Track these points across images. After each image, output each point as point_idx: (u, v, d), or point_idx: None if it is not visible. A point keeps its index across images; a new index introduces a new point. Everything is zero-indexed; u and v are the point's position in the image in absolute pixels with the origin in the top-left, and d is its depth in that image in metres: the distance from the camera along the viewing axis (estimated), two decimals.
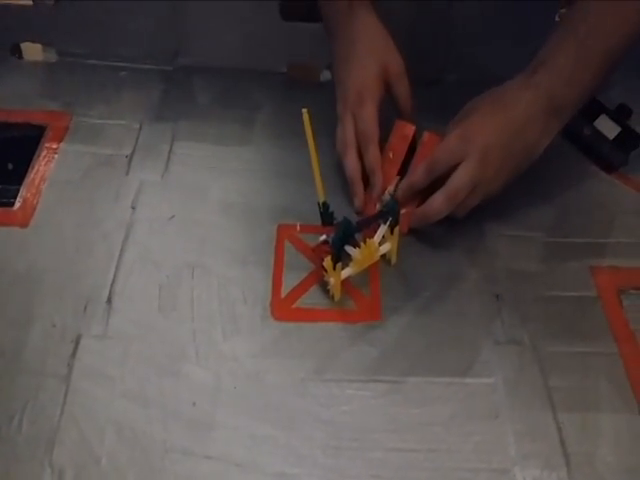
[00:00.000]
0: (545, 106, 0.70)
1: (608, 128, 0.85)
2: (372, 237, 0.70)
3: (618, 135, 0.84)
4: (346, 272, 0.70)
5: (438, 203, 0.70)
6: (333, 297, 0.71)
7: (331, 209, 0.73)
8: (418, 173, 0.71)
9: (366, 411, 0.63)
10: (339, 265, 0.68)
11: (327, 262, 0.67)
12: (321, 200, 0.72)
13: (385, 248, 0.72)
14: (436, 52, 0.98)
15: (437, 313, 0.71)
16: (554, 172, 0.85)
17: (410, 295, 0.72)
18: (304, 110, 0.65)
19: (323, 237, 0.72)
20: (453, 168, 0.69)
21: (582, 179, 0.84)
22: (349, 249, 0.69)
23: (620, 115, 0.85)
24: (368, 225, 0.71)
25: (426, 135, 0.78)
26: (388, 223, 0.70)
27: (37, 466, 0.57)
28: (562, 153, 0.88)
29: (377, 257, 0.71)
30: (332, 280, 0.68)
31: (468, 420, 0.63)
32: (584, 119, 0.87)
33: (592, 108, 0.86)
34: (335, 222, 0.72)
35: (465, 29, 0.95)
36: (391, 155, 0.79)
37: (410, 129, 0.79)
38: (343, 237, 0.66)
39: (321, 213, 0.73)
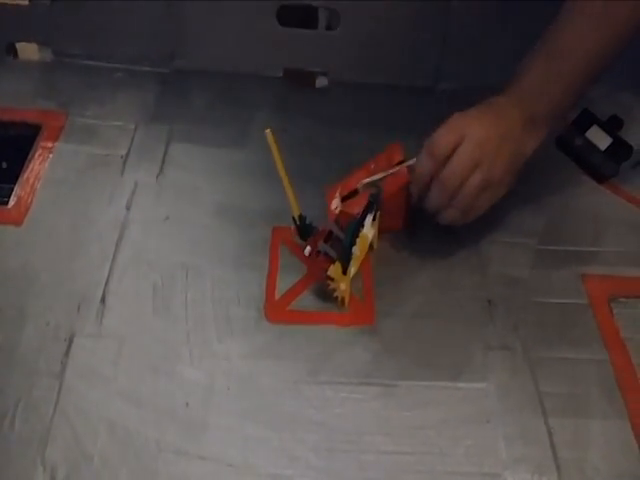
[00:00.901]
0: (520, 117, 0.71)
1: (600, 139, 0.86)
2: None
3: (609, 146, 0.85)
4: (351, 273, 0.70)
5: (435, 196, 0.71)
6: (342, 302, 0.71)
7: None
8: (421, 160, 0.71)
9: (359, 414, 0.63)
10: (349, 269, 0.68)
11: (334, 270, 0.67)
12: (296, 214, 0.72)
13: (372, 236, 0.73)
14: (429, 61, 0.98)
15: (430, 318, 0.71)
16: (547, 181, 0.86)
17: (403, 300, 0.72)
18: (267, 131, 0.66)
19: (308, 249, 0.72)
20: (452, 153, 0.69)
21: (574, 188, 0.85)
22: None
23: (612, 126, 0.86)
24: (364, 220, 0.71)
25: (401, 169, 0.76)
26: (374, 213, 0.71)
27: (29, 464, 0.57)
28: (555, 162, 0.88)
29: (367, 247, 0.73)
30: (343, 285, 0.69)
31: (460, 424, 0.63)
32: (576, 130, 0.88)
33: (584, 119, 0.88)
34: (315, 232, 0.72)
35: (459, 39, 0.96)
36: (372, 166, 0.77)
37: (398, 156, 0.77)
38: (353, 240, 0.67)
39: (298, 227, 0.73)
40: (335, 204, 0.76)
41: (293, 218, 0.72)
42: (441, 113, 0.77)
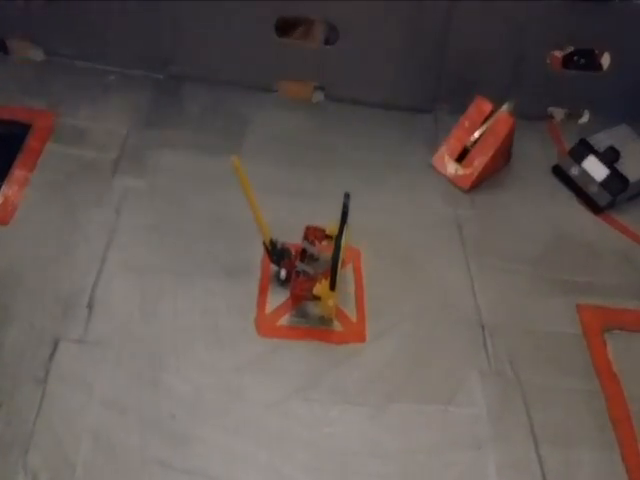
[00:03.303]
0: None
1: (596, 170, 0.86)
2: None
3: (606, 177, 0.85)
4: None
5: None
6: (330, 320, 0.70)
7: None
8: None
9: (349, 434, 0.62)
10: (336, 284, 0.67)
11: (321, 289, 0.66)
12: (267, 239, 0.70)
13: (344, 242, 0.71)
14: (427, 82, 0.98)
15: (423, 340, 0.71)
16: (543, 209, 0.86)
17: (396, 321, 0.72)
18: (233, 157, 0.65)
19: (283, 273, 0.71)
20: None
21: (570, 218, 0.86)
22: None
23: (608, 158, 0.86)
24: (342, 232, 0.69)
25: (501, 114, 0.84)
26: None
27: (11, 468, 0.55)
28: (551, 191, 0.89)
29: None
30: (331, 302, 0.67)
31: (450, 449, 0.62)
32: (573, 159, 0.88)
33: (581, 149, 0.88)
34: (288, 254, 0.72)
35: (458, 60, 0.96)
36: (466, 124, 0.86)
37: (488, 106, 0.88)
38: (338, 257, 0.66)
39: (270, 252, 0.71)
40: (452, 168, 0.83)
41: (264, 243, 0.71)
42: (438, 132, 0.77)
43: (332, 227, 0.72)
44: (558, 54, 0.98)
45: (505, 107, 0.85)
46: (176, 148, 0.87)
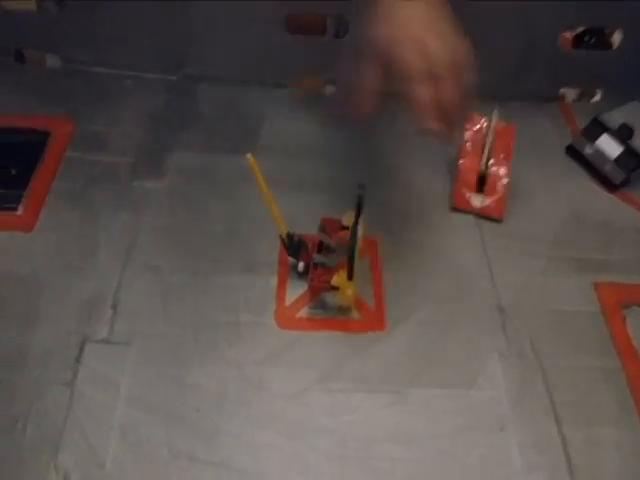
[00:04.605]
0: None
1: (610, 148, 0.86)
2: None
3: (620, 155, 0.85)
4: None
5: (447, 90, 0.61)
6: (349, 309, 0.70)
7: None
8: (417, 96, 0.61)
9: (371, 421, 0.63)
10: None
11: (339, 279, 0.67)
12: (284, 232, 0.71)
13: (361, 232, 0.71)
14: None
15: (442, 325, 0.71)
16: (558, 189, 0.86)
17: (415, 307, 0.72)
18: (248, 155, 0.64)
19: (301, 265, 0.72)
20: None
21: (585, 197, 0.85)
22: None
23: (622, 135, 0.86)
24: (357, 221, 0.70)
25: (499, 126, 0.83)
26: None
27: (42, 469, 0.57)
28: (565, 171, 0.89)
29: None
30: (349, 291, 0.68)
31: (473, 432, 0.63)
32: (586, 138, 0.88)
33: (594, 128, 0.88)
34: (305, 247, 0.72)
35: (472, 43, 0.95)
36: (469, 147, 0.84)
37: (480, 119, 0.84)
38: (355, 245, 0.66)
39: (287, 246, 0.72)
40: (477, 201, 0.82)
41: (281, 237, 0.71)
42: None
43: (348, 218, 0.73)
44: (568, 35, 0.98)
45: (496, 115, 0.82)
46: (192, 149, 0.89)
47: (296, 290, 0.73)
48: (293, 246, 0.72)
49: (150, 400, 0.62)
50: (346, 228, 0.73)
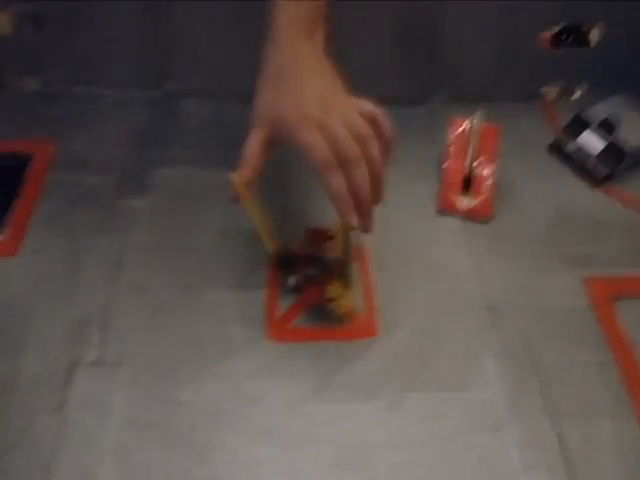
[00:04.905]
0: (302, 49, 0.65)
1: (592, 143, 0.86)
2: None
3: (602, 150, 0.85)
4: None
5: (358, 177, 0.59)
6: (344, 318, 0.70)
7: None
8: (328, 186, 0.60)
9: (367, 428, 0.63)
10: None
11: (335, 289, 0.67)
12: (273, 250, 0.71)
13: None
14: (422, 70, 0.98)
15: (434, 329, 0.71)
16: (542, 187, 0.86)
17: (406, 312, 0.72)
18: (232, 175, 0.64)
19: (292, 280, 0.71)
20: None
21: (570, 193, 0.86)
22: None
23: (604, 130, 0.86)
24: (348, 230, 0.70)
25: (483, 127, 0.83)
26: None
27: None
28: (549, 169, 0.89)
29: None
30: (345, 300, 0.68)
31: (470, 434, 0.63)
32: (568, 135, 0.88)
33: (576, 124, 0.88)
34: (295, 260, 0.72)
35: (453, 45, 0.96)
36: (452, 150, 0.85)
37: (462, 123, 0.85)
38: (350, 254, 0.66)
39: (278, 262, 0.72)
40: (463, 203, 0.82)
41: (271, 256, 0.71)
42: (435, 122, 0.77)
43: (336, 227, 0.73)
44: (546, 34, 0.98)
45: (479, 116, 0.82)
46: (176, 165, 0.88)
47: (286, 302, 0.72)
48: (284, 262, 0.71)
49: (143, 420, 0.62)
50: (332, 238, 0.73)
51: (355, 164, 0.59)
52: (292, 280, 0.71)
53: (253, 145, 0.64)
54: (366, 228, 0.63)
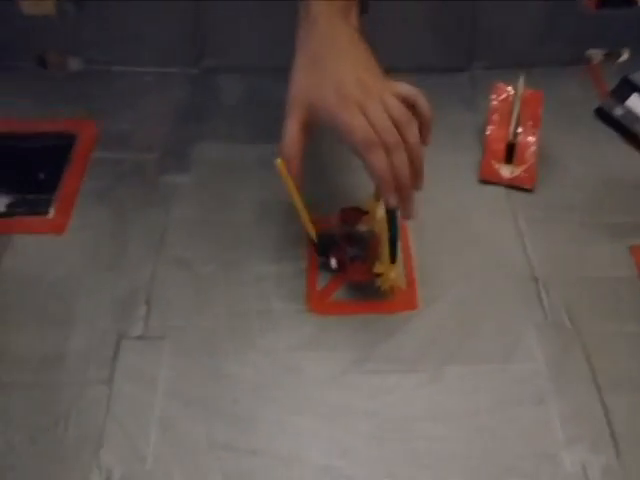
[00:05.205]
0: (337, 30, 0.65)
1: None
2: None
3: None
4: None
5: (399, 162, 0.59)
6: (392, 290, 0.70)
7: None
8: (375, 163, 0.59)
9: (408, 401, 0.63)
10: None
11: (381, 266, 0.67)
12: (313, 234, 0.70)
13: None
14: (461, 37, 0.97)
15: (475, 300, 0.70)
16: (588, 153, 0.84)
17: (447, 284, 0.71)
18: (278, 161, 0.63)
19: (334, 262, 0.71)
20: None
21: (616, 159, 0.83)
22: None
23: None
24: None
25: (526, 93, 0.83)
26: None
27: (85, 467, 0.58)
28: (595, 134, 0.87)
29: None
30: (393, 274, 0.68)
31: (512, 406, 0.62)
32: (616, 99, 0.86)
33: (623, 88, 0.86)
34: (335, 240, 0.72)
35: (493, 9, 0.94)
36: (496, 118, 0.83)
37: (507, 89, 0.84)
38: (397, 228, 0.65)
39: (317, 245, 0.72)
40: (507, 171, 0.81)
41: (309, 239, 0.71)
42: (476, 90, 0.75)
43: (367, 201, 0.72)
44: None
45: (521, 82, 0.81)
46: (216, 140, 0.89)
47: (327, 275, 0.73)
48: (323, 244, 0.71)
49: (187, 393, 0.63)
50: (367, 213, 0.73)
51: (395, 149, 0.58)
52: (334, 262, 0.71)
53: (292, 132, 0.63)
54: (408, 214, 0.62)
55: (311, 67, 0.63)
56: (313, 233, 0.70)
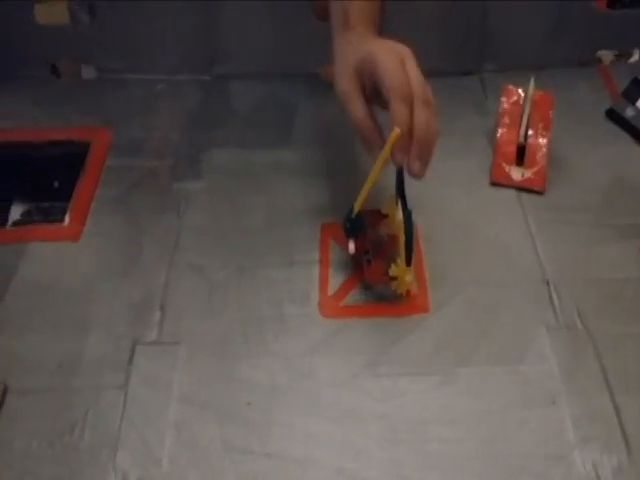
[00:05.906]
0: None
1: None
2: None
3: None
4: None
5: (426, 117, 0.61)
6: (402, 295, 0.70)
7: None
8: (399, 111, 0.61)
9: (420, 404, 0.63)
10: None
11: (398, 269, 0.67)
12: (356, 210, 0.70)
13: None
14: (471, 39, 0.97)
15: (487, 303, 0.70)
16: (599, 154, 0.84)
17: (458, 286, 0.72)
18: (397, 130, 0.60)
19: (352, 247, 0.71)
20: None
21: (628, 160, 0.83)
22: None
23: None
24: (405, 204, 0.69)
25: (536, 95, 0.83)
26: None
27: (102, 471, 0.59)
28: (606, 135, 0.87)
29: None
30: (409, 277, 0.68)
31: (524, 408, 0.62)
32: (627, 100, 0.86)
33: (634, 88, 0.85)
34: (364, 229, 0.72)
35: (503, 11, 0.94)
36: (507, 120, 0.84)
37: (517, 91, 0.84)
38: (412, 231, 0.65)
39: (353, 221, 0.71)
40: (518, 173, 0.81)
41: (350, 214, 0.70)
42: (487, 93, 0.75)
43: (387, 204, 0.73)
44: None
45: (532, 84, 0.81)
46: (228, 146, 0.89)
47: (338, 279, 0.73)
48: (354, 224, 0.71)
49: (202, 397, 0.64)
50: (386, 215, 0.73)
51: (424, 105, 0.60)
52: (352, 246, 0.71)
53: (358, 106, 0.65)
54: (419, 170, 0.62)
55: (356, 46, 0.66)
56: (357, 210, 0.69)
